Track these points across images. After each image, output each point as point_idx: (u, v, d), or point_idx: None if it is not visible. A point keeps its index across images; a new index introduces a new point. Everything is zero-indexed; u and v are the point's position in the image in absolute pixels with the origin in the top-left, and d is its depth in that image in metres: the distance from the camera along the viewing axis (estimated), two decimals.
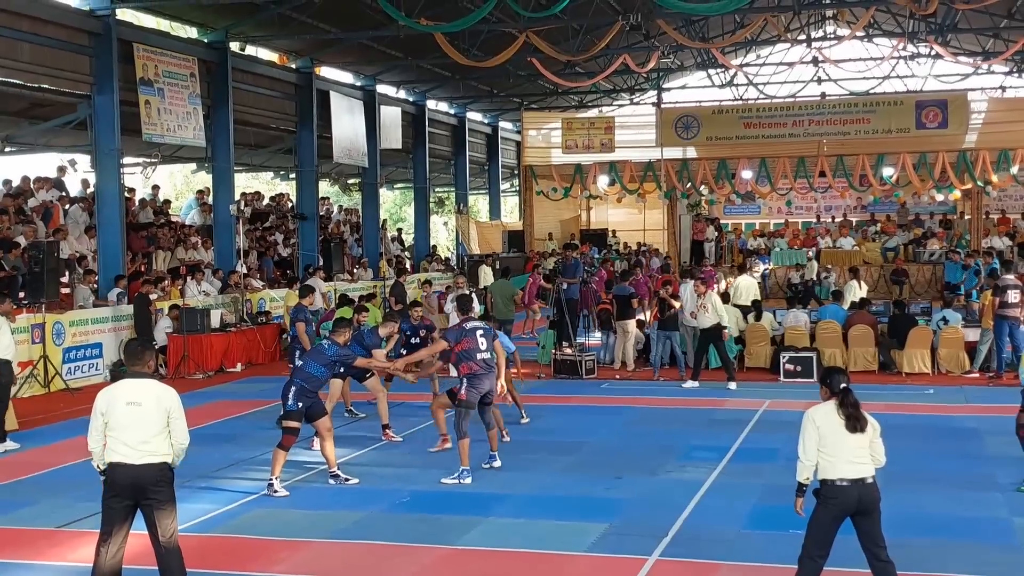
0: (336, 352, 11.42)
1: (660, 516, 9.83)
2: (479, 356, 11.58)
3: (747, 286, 20.68)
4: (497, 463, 11.92)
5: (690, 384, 17.67)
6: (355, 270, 30.18)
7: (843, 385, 7.17)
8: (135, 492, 7.24)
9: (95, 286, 20.53)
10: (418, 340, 15.03)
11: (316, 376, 11.25)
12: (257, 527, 9.84)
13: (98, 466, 7.43)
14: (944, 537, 9.20)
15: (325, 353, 11.38)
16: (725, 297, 19.67)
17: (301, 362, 11.73)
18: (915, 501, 10.10)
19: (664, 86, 39.35)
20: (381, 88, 33.20)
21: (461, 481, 11.21)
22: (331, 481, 11.32)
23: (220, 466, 12.21)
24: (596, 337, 21.41)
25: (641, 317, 20.35)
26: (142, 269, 22.95)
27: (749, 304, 20.00)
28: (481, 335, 11.67)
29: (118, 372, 17.35)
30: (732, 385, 17.44)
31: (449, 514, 10.11)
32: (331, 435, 11.41)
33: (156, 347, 18.83)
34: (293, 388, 11.09)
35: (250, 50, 27.23)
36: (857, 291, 21.80)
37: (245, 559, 8.82)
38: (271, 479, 10.97)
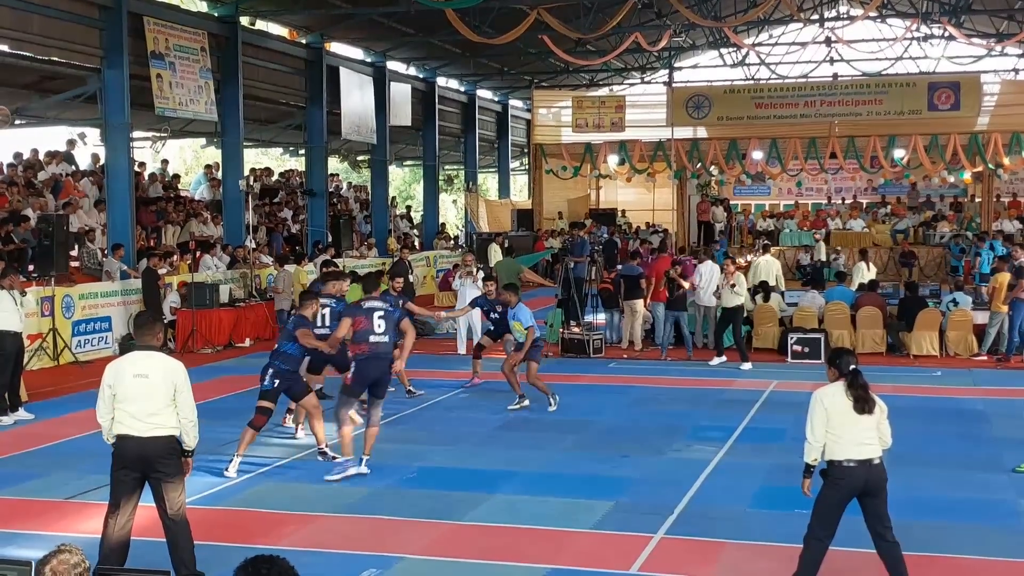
0: (295, 324, 11.20)
1: (666, 494, 9.86)
2: (371, 338, 10.59)
3: (767, 266, 20.68)
4: (364, 469, 10.59)
5: (717, 361, 17.73)
6: (361, 248, 30.18)
7: (852, 367, 7.15)
8: (143, 464, 7.27)
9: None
10: (497, 315, 15.15)
11: (290, 354, 11.08)
12: (264, 501, 9.88)
13: (107, 439, 7.46)
14: (950, 519, 9.20)
15: (287, 328, 11.27)
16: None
17: (278, 342, 11.60)
18: (921, 483, 10.10)
19: (676, 65, 39.22)
20: (391, 65, 33.11)
21: (345, 473, 10.46)
22: (319, 458, 11.24)
23: (228, 440, 12.22)
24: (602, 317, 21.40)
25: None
26: (151, 244, 22.99)
27: (758, 285, 19.98)
28: (380, 316, 10.63)
29: (127, 345, 17.40)
30: (746, 366, 17.48)
31: (456, 490, 10.13)
32: (319, 412, 11.27)
33: (165, 321, 18.88)
34: (271, 369, 10.98)
35: (260, 25, 27.18)
36: (865, 273, 21.77)
37: (252, 532, 8.86)
38: (235, 455, 10.80)
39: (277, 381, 10.97)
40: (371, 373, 10.66)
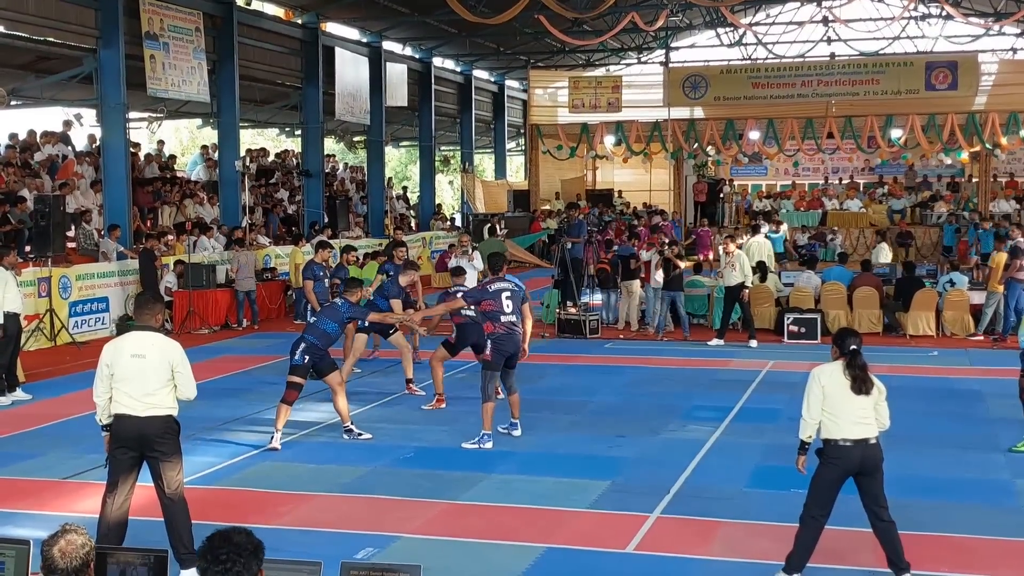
0: (349, 309, 11.44)
1: (662, 474, 9.88)
2: (503, 318, 11.11)
3: (759, 247, 20.66)
4: (517, 431, 11.50)
5: (715, 342, 17.78)
6: (354, 229, 30.16)
7: (853, 347, 7.16)
8: (140, 444, 7.29)
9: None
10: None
11: (329, 333, 11.27)
12: (261, 480, 9.91)
13: (100, 419, 7.46)
14: (946, 498, 9.24)
15: (339, 311, 11.42)
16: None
17: (315, 319, 11.78)
18: (917, 462, 10.13)
19: (672, 45, 39.12)
20: (387, 45, 32.99)
21: (482, 446, 10.94)
22: (345, 436, 11.38)
23: (225, 420, 12.28)
24: (598, 298, 21.42)
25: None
26: (147, 224, 22.96)
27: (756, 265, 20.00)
28: (507, 297, 11.17)
29: (124, 326, 17.42)
30: (753, 343, 17.57)
31: (452, 470, 10.17)
32: (343, 389, 11.45)
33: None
34: (303, 344, 11.12)
35: (255, 5, 27.10)
36: (887, 253, 21.62)
37: (249, 511, 8.88)
38: (273, 431, 11.02)
39: (307, 357, 11.08)
40: (507, 348, 11.13)
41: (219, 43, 24.55)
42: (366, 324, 12.91)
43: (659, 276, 18.48)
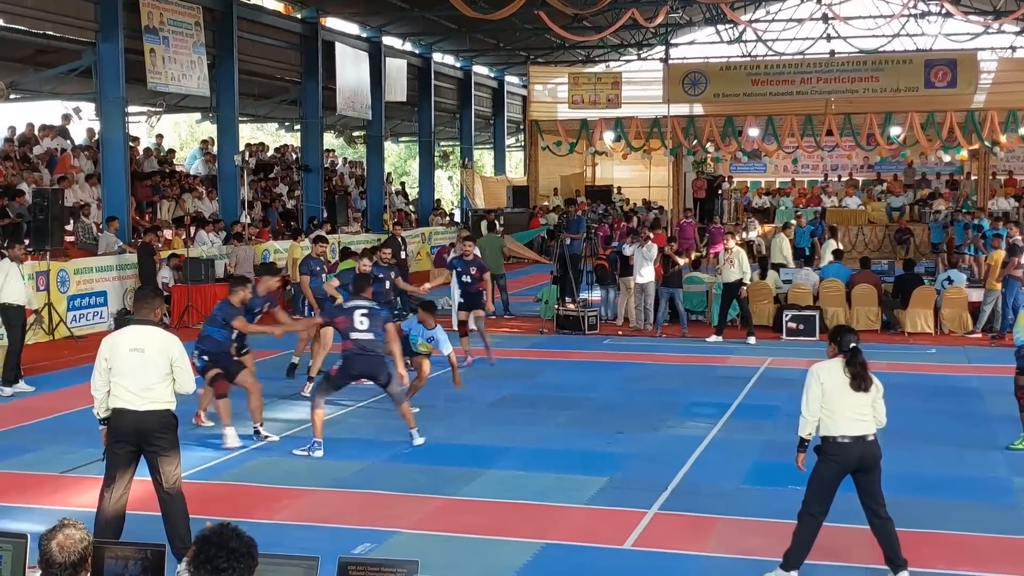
0: (221, 309, 11.13)
1: (660, 471, 9.88)
2: (353, 335, 10.67)
3: (780, 243, 20.79)
4: (418, 440, 10.92)
5: (714, 339, 17.78)
6: (351, 224, 30.13)
7: (852, 344, 7.16)
8: (138, 438, 7.28)
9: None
10: (469, 279, 15.29)
11: (216, 339, 10.99)
12: (259, 475, 9.91)
13: (98, 412, 7.44)
14: (943, 495, 9.25)
15: (215, 315, 11.20)
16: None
17: (203, 325, 11.53)
18: (915, 460, 10.14)
19: (672, 42, 39.10)
20: (387, 40, 32.94)
21: (311, 454, 10.46)
22: (253, 436, 11.14)
23: None
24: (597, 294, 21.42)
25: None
26: (146, 219, 22.94)
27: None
28: (362, 314, 10.70)
29: (123, 320, 17.39)
30: (752, 340, 17.56)
31: (450, 466, 10.16)
32: (258, 390, 11.22)
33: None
34: (196, 352, 10.75)
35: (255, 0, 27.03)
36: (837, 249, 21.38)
37: (247, 506, 8.88)
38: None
39: (206, 360, 10.92)
40: (356, 367, 10.78)
41: (218, 37, 24.50)
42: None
43: (645, 271, 18.44)
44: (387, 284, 14.83)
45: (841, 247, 22.45)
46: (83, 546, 4.43)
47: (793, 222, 26.39)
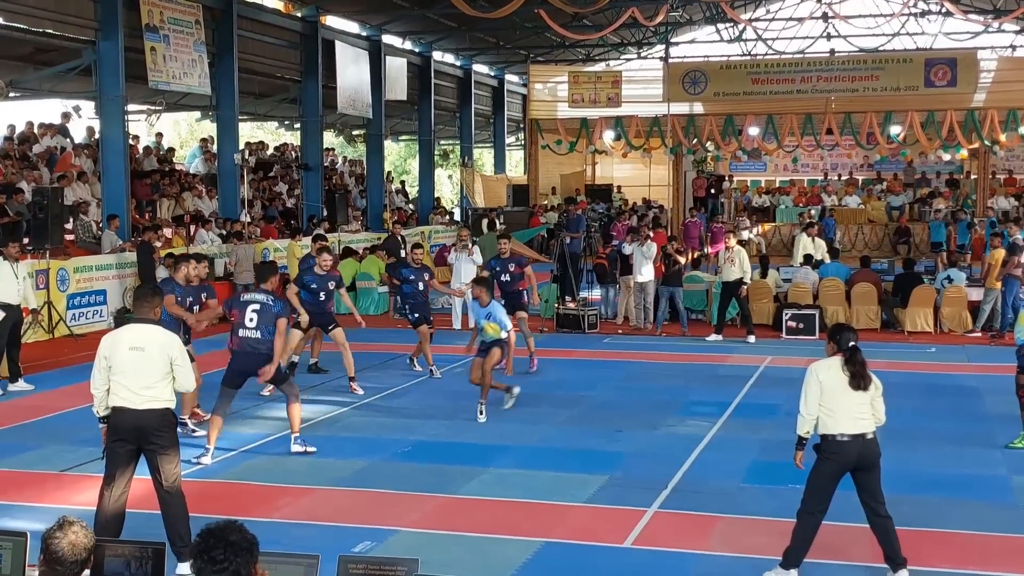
0: (165, 283, 11.12)
1: (660, 469, 9.89)
2: (240, 332, 10.40)
3: (805, 242, 20.96)
4: (297, 447, 10.60)
5: (714, 338, 17.80)
6: (351, 222, 30.12)
7: (851, 343, 7.16)
8: (138, 436, 7.28)
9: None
10: (508, 278, 15.06)
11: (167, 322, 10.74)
12: (259, 474, 9.91)
13: (97, 411, 7.45)
14: (943, 494, 9.24)
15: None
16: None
17: None
18: (915, 458, 10.14)
19: (672, 40, 39.09)
20: (387, 38, 32.93)
21: (200, 460, 10.09)
22: (180, 428, 10.88)
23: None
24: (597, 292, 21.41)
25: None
26: (146, 217, 22.93)
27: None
28: (253, 310, 10.38)
29: (122, 319, 17.38)
30: (751, 339, 17.57)
31: (450, 464, 10.17)
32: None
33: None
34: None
35: None
36: (808, 247, 21.31)
37: (247, 505, 8.88)
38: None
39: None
40: (241, 364, 10.48)
41: (218, 36, 24.49)
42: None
43: (645, 270, 18.44)
44: (420, 285, 14.90)
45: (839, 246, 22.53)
46: (91, 545, 4.50)
47: (818, 221, 26.45)
